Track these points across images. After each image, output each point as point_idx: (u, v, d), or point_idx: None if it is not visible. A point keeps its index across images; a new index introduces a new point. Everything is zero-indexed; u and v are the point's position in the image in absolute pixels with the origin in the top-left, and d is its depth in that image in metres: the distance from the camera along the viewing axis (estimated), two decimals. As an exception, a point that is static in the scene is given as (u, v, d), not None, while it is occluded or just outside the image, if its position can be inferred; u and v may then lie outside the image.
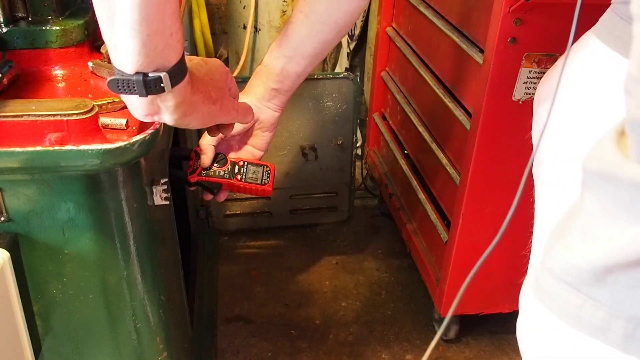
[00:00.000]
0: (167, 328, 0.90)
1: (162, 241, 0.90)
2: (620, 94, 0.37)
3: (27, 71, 0.78)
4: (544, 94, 0.67)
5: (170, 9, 0.52)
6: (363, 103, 2.11)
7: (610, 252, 0.37)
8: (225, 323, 1.53)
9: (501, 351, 1.48)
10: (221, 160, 0.89)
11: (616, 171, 0.35)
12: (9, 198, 0.71)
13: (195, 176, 0.88)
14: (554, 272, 0.42)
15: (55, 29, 0.77)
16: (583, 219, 0.40)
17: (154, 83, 0.55)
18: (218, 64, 0.71)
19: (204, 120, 0.68)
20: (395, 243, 1.81)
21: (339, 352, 1.46)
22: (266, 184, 0.91)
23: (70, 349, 0.84)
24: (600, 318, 0.40)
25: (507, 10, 1.01)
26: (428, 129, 1.45)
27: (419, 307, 1.60)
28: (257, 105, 0.87)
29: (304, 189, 1.78)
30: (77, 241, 0.75)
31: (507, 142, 1.16)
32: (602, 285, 0.39)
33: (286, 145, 1.69)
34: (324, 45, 0.84)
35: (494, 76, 1.08)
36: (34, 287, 0.77)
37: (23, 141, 0.65)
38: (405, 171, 1.60)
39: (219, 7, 2.21)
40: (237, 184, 0.90)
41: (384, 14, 1.71)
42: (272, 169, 0.93)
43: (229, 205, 1.78)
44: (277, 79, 0.86)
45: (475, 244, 1.29)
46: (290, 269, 1.72)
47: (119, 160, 0.67)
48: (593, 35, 0.58)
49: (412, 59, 1.50)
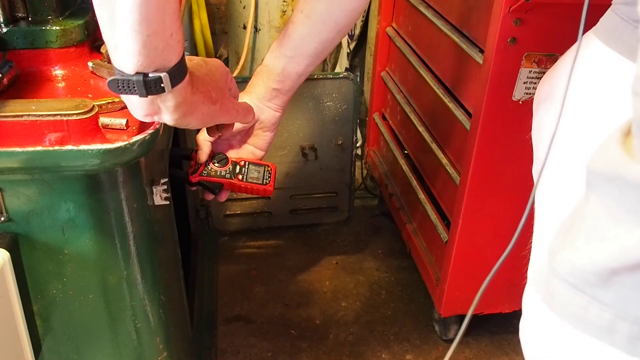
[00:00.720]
0: (167, 328, 0.90)
1: (162, 241, 0.90)
2: (622, 95, 0.37)
3: (27, 71, 0.78)
4: (544, 94, 0.67)
5: (170, 9, 0.52)
6: (363, 103, 2.11)
7: (616, 254, 0.37)
8: (225, 323, 1.53)
9: (501, 351, 1.48)
10: (222, 160, 0.89)
11: (621, 172, 0.35)
12: (9, 198, 0.71)
13: (197, 176, 0.88)
14: (558, 273, 0.42)
15: (55, 29, 0.77)
16: (588, 220, 0.40)
17: (154, 83, 0.55)
18: (218, 64, 0.71)
19: (204, 120, 0.68)
20: (395, 243, 1.81)
21: (339, 352, 1.46)
22: (267, 184, 0.91)
23: (70, 349, 0.84)
24: (605, 320, 0.39)
25: (507, 10, 1.01)
26: (428, 129, 1.45)
27: (419, 307, 1.60)
28: (258, 105, 0.87)
29: (304, 189, 1.78)
30: (77, 241, 0.75)
31: (507, 142, 1.16)
32: (608, 287, 0.39)
33: (286, 145, 1.68)
34: (324, 45, 0.84)
35: (494, 76, 1.08)
36: (34, 287, 0.77)
37: (23, 141, 0.65)
38: (405, 171, 1.60)
39: (219, 7, 2.21)
40: (239, 183, 0.89)
41: (384, 14, 1.71)
42: (273, 169, 0.93)
43: (229, 205, 1.78)
44: (278, 78, 0.86)
45: (475, 244, 1.29)
46: (290, 269, 1.72)
47: (119, 160, 0.67)
48: (594, 36, 0.58)
49: (412, 59, 1.50)
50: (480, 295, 0.50)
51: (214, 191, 0.89)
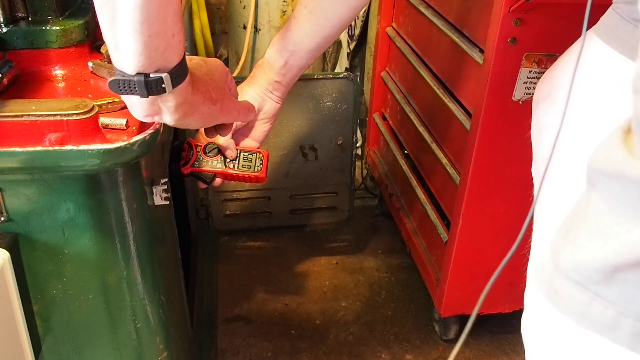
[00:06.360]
0: (167, 328, 0.89)
1: (162, 241, 0.90)
2: (623, 94, 0.37)
3: (27, 71, 0.78)
4: (544, 94, 0.67)
5: (172, 10, 0.52)
6: (363, 103, 2.11)
7: (618, 251, 0.37)
8: (225, 323, 1.53)
9: (501, 351, 1.48)
10: (213, 150, 0.90)
11: (623, 169, 0.35)
12: (9, 198, 0.71)
13: (189, 167, 0.89)
14: (561, 270, 0.42)
15: (55, 29, 0.77)
16: (590, 218, 0.40)
17: (155, 84, 0.55)
18: (218, 63, 0.71)
19: (204, 120, 0.68)
20: (395, 243, 1.81)
21: (339, 352, 1.46)
22: (259, 171, 0.92)
23: (70, 349, 0.84)
24: (608, 316, 0.40)
25: (507, 10, 1.01)
26: (428, 129, 1.45)
27: (419, 307, 1.60)
28: (262, 96, 0.88)
29: (304, 189, 1.78)
30: (77, 241, 0.75)
31: (507, 142, 1.16)
32: (611, 284, 0.39)
33: (286, 145, 1.68)
34: (326, 40, 0.85)
35: (494, 76, 1.08)
36: (34, 287, 0.77)
37: (23, 141, 0.65)
38: (405, 171, 1.60)
39: (219, 7, 2.21)
40: (230, 172, 0.90)
41: (384, 14, 1.71)
42: (265, 155, 0.93)
43: (229, 205, 1.78)
44: (280, 72, 0.87)
45: (475, 244, 1.29)
46: (290, 269, 1.72)
47: (119, 160, 0.67)
48: (594, 35, 0.58)
49: (412, 59, 1.50)
50: (484, 296, 0.50)
51: (206, 181, 0.90)
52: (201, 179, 0.91)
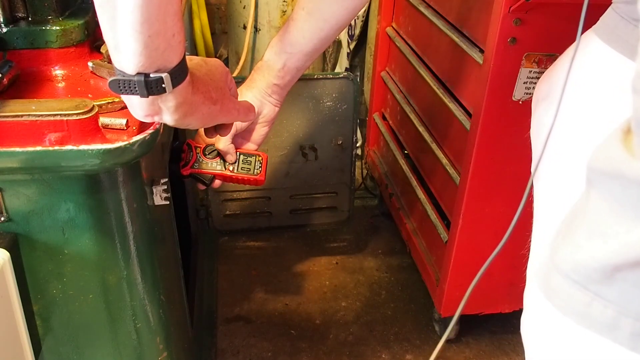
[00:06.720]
0: (167, 328, 0.90)
1: (162, 241, 0.90)
2: (623, 94, 0.37)
3: (27, 71, 0.78)
4: (543, 93, 0.67)
5: (172, 10, 0.52)
6: (363, 103, 2.11)
7: (617, 251, 0.37)
8: (225, 323, 1.53)
9: (501, 351, 1.48)
10: (213, 152, 0.90)
11: (623, 169, 0.36)
12: (9, 198, 0.71)
13: (188, 169, 0.89)
14: (561, 269, 0.42)
15: (55, 29, 0.77)
16: (590, 217, 0.40)
17: (155, 84, 0.55)
18: (218, 63, 0.71)
19: (204, 120, 0.68)
20: (395, 243, 1.81)
21: (339, 352, 1.46)
22: (258, 174, 0.92)
23: (70, 349, 0.84)
24: (608, 316, 0.40)
25: (507, 10, 1.01)
26: (428, 129, 1.45)
27: (419, 307, 1.60)
28: (261, 100, 0.88)
29: (304, 189, 1.78)
30: (77, 241, 0.75)
31: (507, 142, 1.16)
32: (611, 284, 0.39)
33: (286, 145, 1.68)
34: (324, 42, 0.85)
35: (494, 76, 1.08)
36: (34, 287, 0.77)
37: (23, 141, 0.65)
38: (405, 171, 1.60)
39: (219, 7, 2.21)
40: (230, 175, 0.91)
41: (384, 14, 1.71)
42: (264, 158, 0.94)
43: (229, 205, 1.78)
44: (279, 74, 0.86)
45: (475, 244, 1.29)
46: (290, 269, 1.72)
47: (119, 160, 0.67)
48: (594, 35, 0.58)
49: (412, 59, 1.50)
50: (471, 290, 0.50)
51: (205, 183, 0.91)
52: (200, 181, 0.91)
